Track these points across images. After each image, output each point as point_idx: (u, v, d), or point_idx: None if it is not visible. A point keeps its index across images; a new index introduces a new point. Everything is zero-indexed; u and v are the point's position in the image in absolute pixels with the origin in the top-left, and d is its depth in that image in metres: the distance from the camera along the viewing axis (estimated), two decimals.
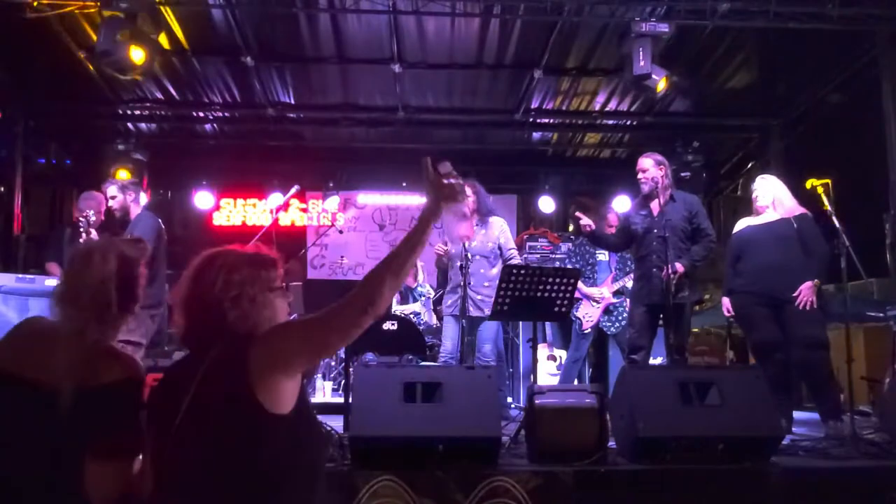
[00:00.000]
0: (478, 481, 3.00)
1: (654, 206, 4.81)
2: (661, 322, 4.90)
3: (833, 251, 4.26)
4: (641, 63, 5.68)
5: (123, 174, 8.59)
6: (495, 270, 4.99)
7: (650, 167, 4.82)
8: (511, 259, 5.07)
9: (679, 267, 4.56)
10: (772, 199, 4.69)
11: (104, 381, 1.67)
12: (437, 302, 7.00)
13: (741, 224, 4.87)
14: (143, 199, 5.44)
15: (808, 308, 4.37)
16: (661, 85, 5.88)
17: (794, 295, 4.39)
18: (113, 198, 5.13)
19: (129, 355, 1.78)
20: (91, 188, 5.80)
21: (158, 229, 5.05)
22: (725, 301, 4.84)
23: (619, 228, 5.09)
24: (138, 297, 1.87)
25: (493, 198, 9.58)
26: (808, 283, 4.38)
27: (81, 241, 4.77)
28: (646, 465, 3.23)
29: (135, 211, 5.19)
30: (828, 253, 4.34)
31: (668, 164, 4.89)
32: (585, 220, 4.83)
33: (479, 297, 4.96)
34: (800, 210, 4.61)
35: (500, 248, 5.11)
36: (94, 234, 4.81)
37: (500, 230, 5.14)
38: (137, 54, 5.53)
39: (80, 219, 4.88)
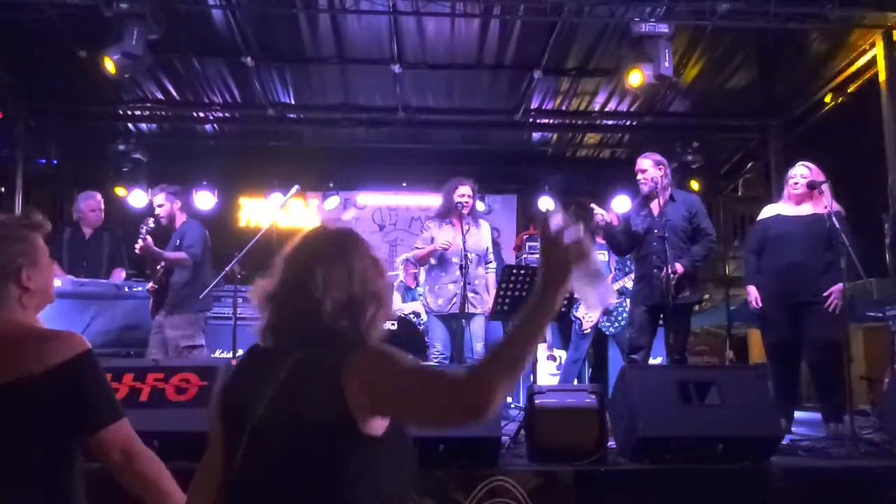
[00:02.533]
0: (478, 481, 3.01)
1: (654, 206, 4.79)
2: (661, 322, 4.90)
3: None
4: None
5: (121, 192, 8.63)
6: (481, 270, 5.20)
7: (649, 167, 4.81)
8: (489, 263, 5.32)
9: (679, 267, 4.55)
10: (822, 182, 4.37)
11: (50, 364, 1.64)
12: None
13: (770, 210, 4.70)
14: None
15: (837, 311, 4.23)
16: (634, 79, 5.83)
17: (825, 295, 4.27)
18: (160, 206, 5.24)
19: (63, 333, 1.74)
20: (91, 188, 5.82)
21: (205, 237, 5.26)
22: (752, 290, 4.61)
23: (622, 230, 5.04)
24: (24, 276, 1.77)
25: (494, 198, 9.78)
26: (839, 286, 4.21)
27: (137, 247, 4.96)
28: (646, 465, 3.24)
29: (180, 219, 5.30)
30: (856, 251, 4.07)
31: (667, 164, 4.88)
32: (599, 211, 4.81)
33: (473, 294, 5.02)
34: (836, 207, 4.28)
35: (487, 249, 5.33)
36: (149, 239, 4.94)
37: (488, 234, 5.40)
38: (109, 65, 5.58)
39: (142, 227, 5.04)
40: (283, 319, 1.52)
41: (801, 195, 4.51)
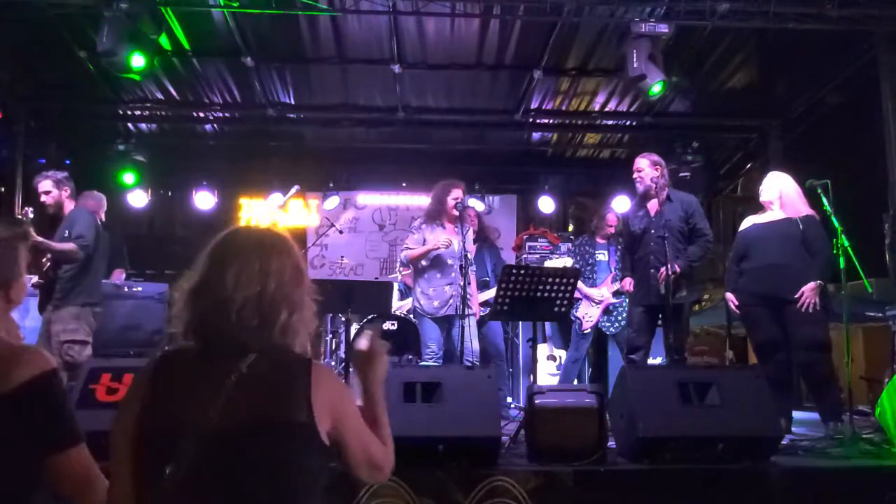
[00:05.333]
0: (478, 481, 3.01)
1: (652, 206, 4.81)
2: (659, 322, 4.91)
3: (834, 252, 4.23)
4: (635, 65, 5.69)
5: (129, 176, 8.64)
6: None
7: (646, 167, 4.84)
8: (471, 265, 5.32)
9: (675, 267, 4.55)
10: (777, 195, 4.61)
11: (16, 383, 1.55)
12: None
13: (747, 222, 4.82)
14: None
15: (810, 309, 4.32)
16: (656, 88, 5.86)
17: (797, 296, 4.34)
18: (47, 193, 4.94)
19: (31, 349, 1.67)
20: (91, 188, 5.80)
21: (97, 226, 4.96)
22: (730, 296, 4.77)
23: (624, 231, 5.05)
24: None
25: (494, 198, 9.78)
26: (811, 285, 4.33)
27: None
28: (645, 465, 3.24)
29: (68, 206, 5.01)
30: (831, 255, 4.26)
31: (664, 164, 4.89)
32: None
33: (469, 295, 5.04)
34: (807, 211, 4.52)
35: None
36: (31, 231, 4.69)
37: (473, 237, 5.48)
38: (138, 60, 5.52)
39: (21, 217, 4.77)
40: (199, 319, 1.50)
41: (767, 202, 4.66)
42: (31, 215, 4.85)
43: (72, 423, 1.64)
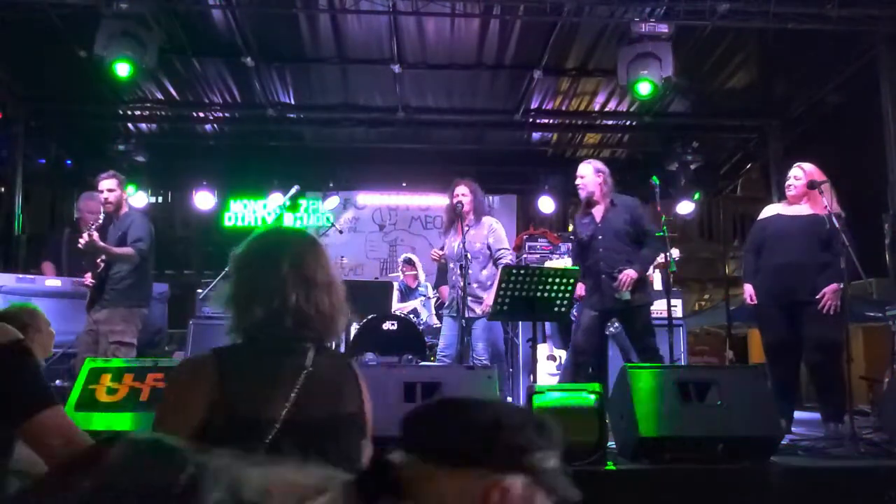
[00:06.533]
0: None
1: (597, 212, 4.80)
2: (613, 328, 4.96)
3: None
4: (628, 69, 5.76)
5: (130, 189, 8.65)
6: (486, 272, 5.16)
7: (588, 174, 4.85)
8: (501, 258, 5.17)
9: (633, 273, 4.51)
10: (807, 187, 4.40)
11: None
12: (441, 305, 6.99)
13: (770, 210, 4.69)
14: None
15: (831, 311, 4.21)
16: (644, 89, 5.87)
17: (818, 297, 4.24)
18: (111, 191, 4.98)
19: None
20: (91, 188, 5.81)
21: (151, 231, 5.03)
22: (748, 287, 4.62)
23: (573, 238, 5.03)
24: None
25: (494, 198, 9.78)
26: (833, 286, 4.20)
27: (82, 242, 4.72)
28: (646, 465, 3.24)
29: (125, 208, 5.08)
30: (855, 252, 4.05)
31: (607, 171, 4.88)
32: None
33: (471, 297, 5.02)
34: (836, 209, 4.28)
35: (489, 247, 5.21)
36: (96, 234, 4.72)
37: (490, 230, 5.26)
38: (124, 69, 5.54)
39: (92, 222, 4.83)
40: (256, 322, 1.56)
41: (796, 196, 4.51)
42: (101, 220, 4.86)
43: (41, 387, 1.69)
